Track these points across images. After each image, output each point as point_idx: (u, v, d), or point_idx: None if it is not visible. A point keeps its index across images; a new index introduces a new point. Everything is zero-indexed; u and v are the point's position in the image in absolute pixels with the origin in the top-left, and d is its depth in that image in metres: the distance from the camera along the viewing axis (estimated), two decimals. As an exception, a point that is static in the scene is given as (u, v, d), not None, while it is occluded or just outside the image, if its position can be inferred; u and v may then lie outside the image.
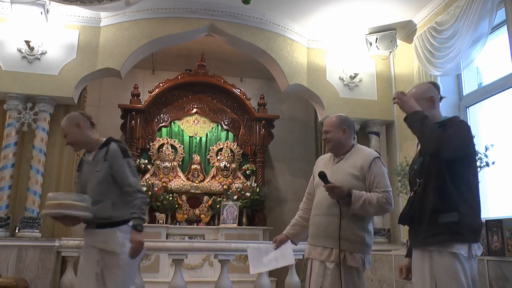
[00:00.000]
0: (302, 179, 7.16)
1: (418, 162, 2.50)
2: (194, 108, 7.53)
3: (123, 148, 2.83)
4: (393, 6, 5.27)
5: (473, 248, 2.26)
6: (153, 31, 5.45)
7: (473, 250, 2.25)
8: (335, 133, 2.73)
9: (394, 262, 4.41)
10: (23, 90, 5.04)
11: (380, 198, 2.53)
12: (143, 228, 2.75)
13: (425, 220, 2.31)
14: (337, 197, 2.54)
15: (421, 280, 2.30)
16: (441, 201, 2.29)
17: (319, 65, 5.89)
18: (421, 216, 2.35)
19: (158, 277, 6.16)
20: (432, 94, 2.50)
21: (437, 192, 2.30)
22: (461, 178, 2.30)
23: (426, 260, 2.28)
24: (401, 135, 5.73)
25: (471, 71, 4.90)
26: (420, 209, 2.37)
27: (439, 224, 2.26)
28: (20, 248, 4.68)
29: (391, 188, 2.61)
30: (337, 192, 2.52)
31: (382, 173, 2.62)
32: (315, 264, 2.64)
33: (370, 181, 2.60)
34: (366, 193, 2.55)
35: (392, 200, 2.58)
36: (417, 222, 2.37)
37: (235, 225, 6.79)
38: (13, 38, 5.09)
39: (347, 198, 2.51)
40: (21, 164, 5.10)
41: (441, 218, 2.26)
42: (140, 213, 2.74)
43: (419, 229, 2.35)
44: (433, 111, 2.47)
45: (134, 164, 2.85)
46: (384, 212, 2.59)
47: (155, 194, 6.77)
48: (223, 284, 4.34)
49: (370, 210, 2.53)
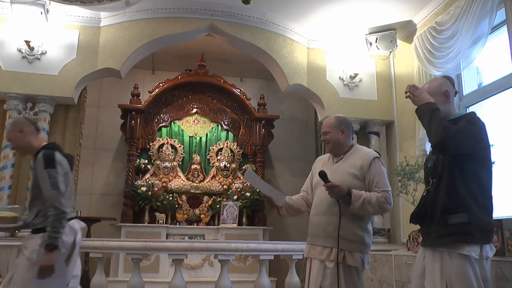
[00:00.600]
0: (302, 179, 7.07)
1: (431, 160, 2.46)
2: (194, 108, 7.53)
3: (47, 158, 2.67)
4: (393, 6, 5.27)
5: (485, 249, 2.21)
6: (153, 31, 5.45)
7: (485, 251, 2.21)
8: (334, 134, 2.75)
9: (394, 262, 4.40)
10: (23, 90, 5.04)
11: (379, 197, 2.54)
12: (54, 248, 2.51)
13: (435, 220, 2.29)
14: (337, 196, 2.55)
15: (432, 280, 2.27)
16: (451, 201, 2.25)
17: (319, 65, 5.89)
18: (432, 216, 2.33)
19: (158, 277, 6.16)
20: (447, 87, 2.44)
21: (447, 191, 2.27)
22: (472, 177, 2.25)
23: (437, 260, 2.25)
24: (401, 135, 5.73)
25: (471, 71, 4.90)
26: (431, 209, 2.34)
27: (449, 224, 2.23)
28: (20, 248, 4.67)
29: (390, 188, 2.62)
30: (337, 191, 2.53)
31: (382, 173, 2.63)
32: (314, 263, 2.65)
33: (369, 180, 2.62)
34: (366, 192, 2.56)
35: (392, 199, 2.59)
36: (428, 222, 2.35)
37: (235, 225, 6.78)
38: (13, 38, 5.10)
39: (347, 197, 2.53)
40: (21, 164, 5.10)
41: (451, 218, 2.23)
42: (51, 231, 2.53)
43: (430, 229, 2.32)
44: (448, 106, 2.41)
45: (57, 175, 2.63)
46: (383, 212, 2.60)
47: (155, 194, 6.77)
48: (223, 284, 4.33)
49: (369, 209, 2.54)
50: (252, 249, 4.49)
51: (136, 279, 4.27)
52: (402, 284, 4.19)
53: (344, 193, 2.53)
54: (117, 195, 7.28)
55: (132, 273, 4.36)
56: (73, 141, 5.40)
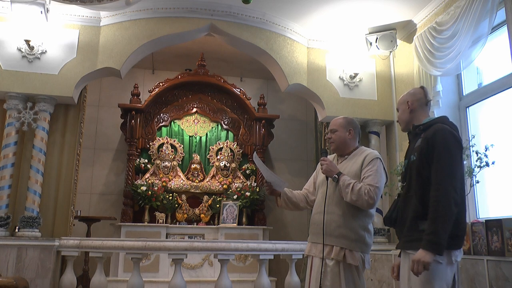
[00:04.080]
0: (302, 179, 7.15)
1: (404, 164, 2.52)
2: (194, 107, 7.53)
3: None
4: (393, 6, 5.27)
5: (454, 254, 2.25)
6: (153, 30, 5.45)
7: (453, 256, 2.25)
8: (341, 133, 2.81)
9: (394, 262, 4.41)
10: (23, 90, 5.04)
11: (362, 188, 2.57)
12: None
13: (408, 224, 2.35)
14: (328, 172, 2.67)
15: (402, 281, 2.41)
16: (422, 207, 2.28)
17: (319, 65, 5.89)
18: (403, 220, 2.40)
19: (158, 276, 6.16)
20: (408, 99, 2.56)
21: (419, 197, 2.31)
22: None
23: (406, 262, 2.34)
24: (401, 135, 5.73)
25: (471, 71, 4.90)
26: (402, 213, 2.42)
27: (419, 230, 2.26)
28: (20, 247, 4.68)
29: (379, 186, 2.60)
30: (330, 165, 2.67)
31: (376, 171, 2.65)
32: (315, 261, 2.68)
33: (363, 175, 2.65)
34: (355, 181, 2.61)
35: (376, 197, 2.57)
36: (400, 225, 2.43)
37: (234, 225, 6.79)
38: (13, 38, 5.09)
39: (335, 176, 2.64)
40: (21, 164, 5.09)
41: (421, 224, 2.26)
42: None
43: (402, 232, 2.41)
44: (413, 114, 2.53)
45: None
46: (362, 203, 2.56)
47: (155, 194, 6.77)
48: (223, 284, 4.34)
49: (349, 194, 2.57)
50: (252, 248, 4.50)
51: (136, 278, 4.28)
52: (402, 284, 4.19)
53: (335, 171, 2.65)
54: (117, 194, 7.29)
55: (132, 272, 4.37)
56: (73, 140, 5.39)
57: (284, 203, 2.93)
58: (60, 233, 5.06)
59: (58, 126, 5.35)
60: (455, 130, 2.39)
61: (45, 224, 4.97)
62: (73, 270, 4.71)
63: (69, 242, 4.71)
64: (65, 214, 5.20)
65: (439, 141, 2.29)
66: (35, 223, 4.82)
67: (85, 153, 6.79)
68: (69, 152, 5.35)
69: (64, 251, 4.79)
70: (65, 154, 5.33)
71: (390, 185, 5.02)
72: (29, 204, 4.90)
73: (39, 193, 4.98)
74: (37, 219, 4.84)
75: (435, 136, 2.32)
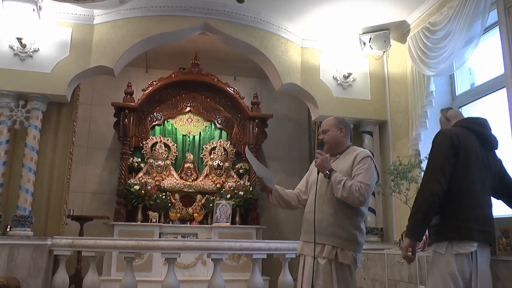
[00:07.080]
0: (296, 178, 7.13)
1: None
2: (187, 106, 7.51)
3: None
4: (387, 6, 5.29)
5: (455, 245, 2.41)
6: (146, 29, 5.43)
7: (454, 247, 2.41)
8: (333, 132, 2.83)
9: (386, 261, 4.42)
10: (15, 88, 5.00)
11: (354, 185, 2.58)
12: None
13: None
14: (321, 166, 2.69)
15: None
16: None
17: (313, 65, 5.90)
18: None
19: (151, 276, 6.14)
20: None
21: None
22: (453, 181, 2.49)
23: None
24: (394, 135, 5.75)
25: (464, 71, 4.94)
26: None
27: (431, 225, 2.52)
28: (11, 246, 4.64)
29: (370, 184, 2.61)
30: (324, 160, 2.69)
31: (367, 169, 2.66)
32: (307, 260, 2.69)
33: (354, 172, 2.66)
34: (347, 178, 2.62)
35: (366, 194, 2.58)
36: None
37: (228, 224, 6.78)
38: (5, 35, 5.05)
39: (327, 172, 2.65)
40: (13, 162, 5.06)
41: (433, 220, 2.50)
42: None
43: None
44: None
45: None
46: (353, 200, 2.57)
47: (148, 193, 6.75)
48: (216, 283, 4.33)
49: (340, 190, 2.58)
50: (245, 248, 4.50)
51: (129, 278, 4.26)
52: (395, 282, 4.21)
53: (328, 167, 2.67)
54: (110, 193, 7.25)
55: (125, 272, 4.35)
56: (66, 139, 5.37)
57: (276, 201, 2.94)
58: (53, 232, 5.03)
59: (50, 125, 5.33)
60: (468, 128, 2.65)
61: (37, 223, 4.94)
62: (65, 269, 4.68)
63: (62, 241, 4.68)
64: (57, 213, 5.18)
65: (432, 142, 2.60)
66: (27, 222, 4.79)
67: (78, 152, 6.75)
68: (62, 151, 5.32)
69: (56, 250, 4.76)
70: (57, 153, 5.31)
71: (383, 184, 5.04)
72: (21, 203, 4.87)
73: (31, 192, 4.95)
74: (29, 218, 4.81)
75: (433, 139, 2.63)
